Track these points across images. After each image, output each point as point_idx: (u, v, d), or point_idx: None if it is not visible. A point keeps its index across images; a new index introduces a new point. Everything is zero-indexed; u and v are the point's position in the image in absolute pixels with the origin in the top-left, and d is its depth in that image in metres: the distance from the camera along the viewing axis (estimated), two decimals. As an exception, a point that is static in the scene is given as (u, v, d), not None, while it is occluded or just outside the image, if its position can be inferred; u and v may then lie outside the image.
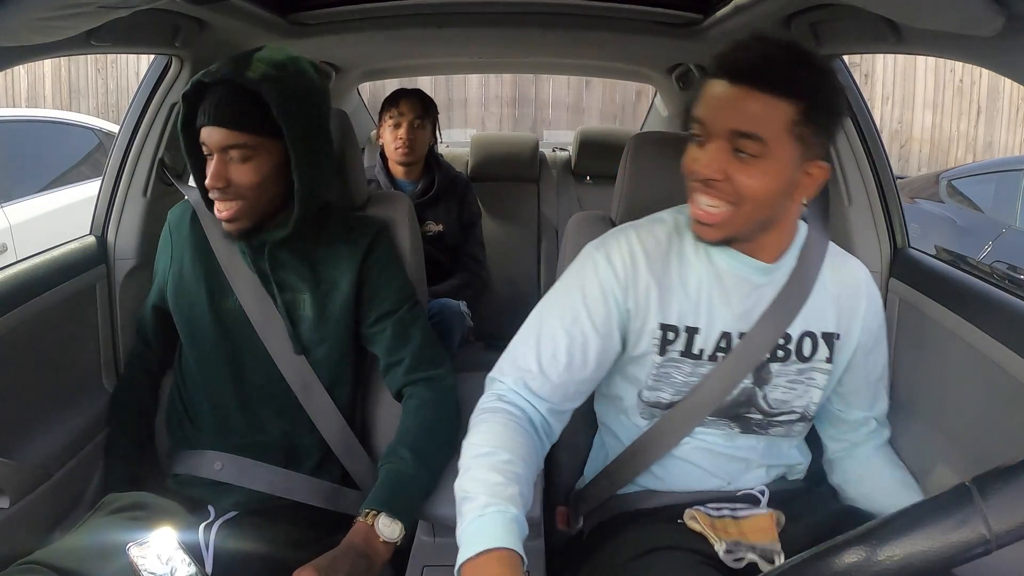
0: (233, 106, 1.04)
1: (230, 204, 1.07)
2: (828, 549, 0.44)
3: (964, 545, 0.39)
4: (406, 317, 1.20)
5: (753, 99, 0.86)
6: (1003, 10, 0.80)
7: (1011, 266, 3.45)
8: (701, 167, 0.89)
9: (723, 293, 0.98)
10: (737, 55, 0.88)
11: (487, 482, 0.83)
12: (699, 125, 0.90)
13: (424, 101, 2.06)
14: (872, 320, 1.05)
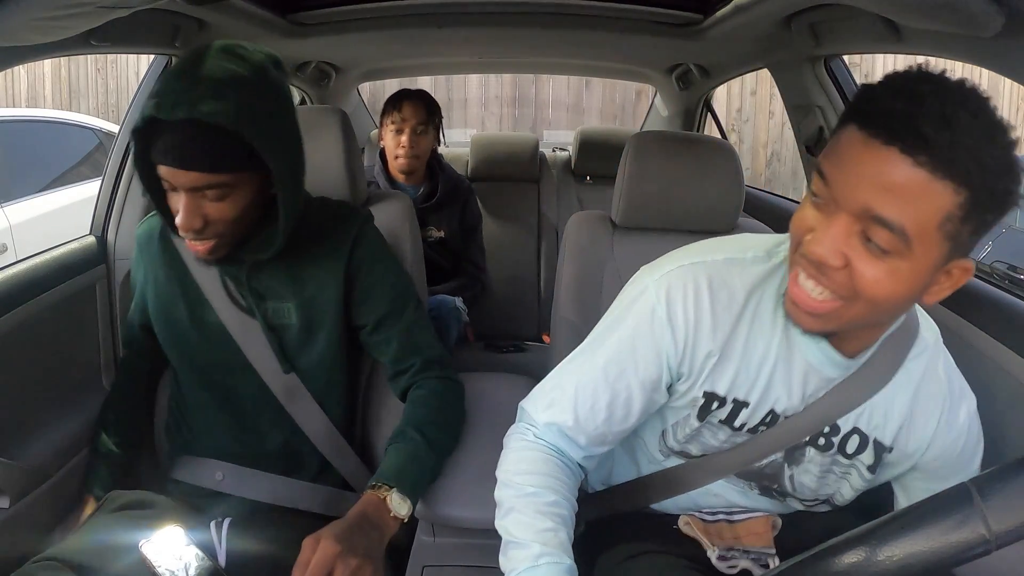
0: (204, 146, 0.91)
1: (206, 242, 0.98)
2: (828, 549, 0.44)
3: (964, 545, 0.39)
4: (411, 323, 1.14)
5: (908, 174, 0.61)
6: (1003, 10, 0.80)
7: (1011, 266, 3.44)
8: (815, 244, 0.67)
9: (786, 374, 0.83)
10: (901, 104, 0.63)
11: (536, 528, 0.80)
12: (823, 184, 0.68)
13: (428, 104, 1.97)
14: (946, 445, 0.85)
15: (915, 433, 0.84)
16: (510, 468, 0.88)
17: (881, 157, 0.62)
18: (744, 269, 0.83)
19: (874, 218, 0.64)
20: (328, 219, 1.13)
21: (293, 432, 1.13)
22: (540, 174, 2.52)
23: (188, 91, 0.89)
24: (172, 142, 0.90)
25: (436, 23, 1.67)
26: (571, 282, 1.25)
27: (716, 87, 2.35)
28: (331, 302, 1.10)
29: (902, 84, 0.65)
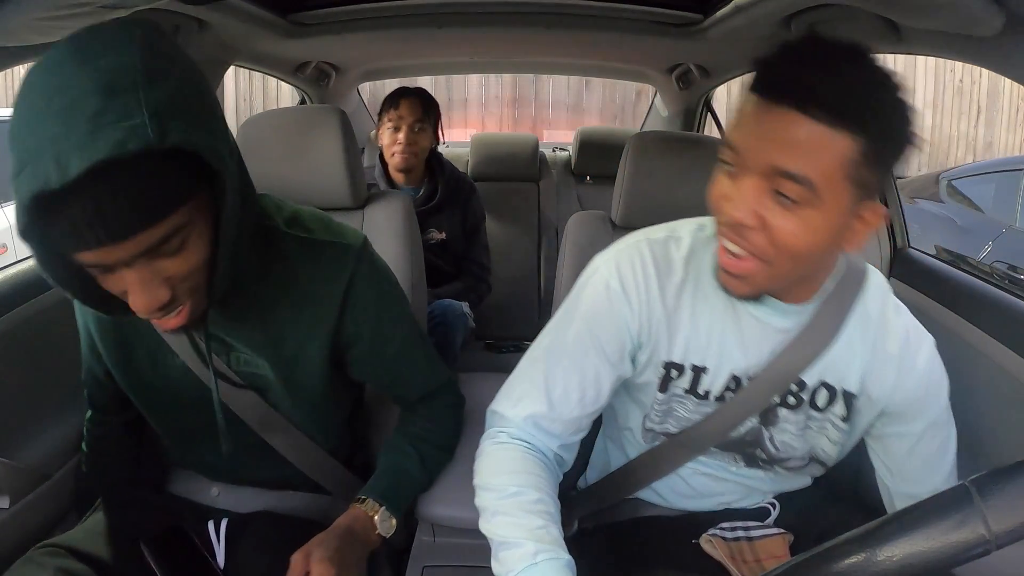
0: (134, 195, 0.63)
1: (179, 309, 0.75)
2: (828, 549, 0.44)
3: (964, 545, 0.39)
4: (409, 351, 1.03)
5: (805, 128, 0.66)
6: (1003, 10, 0.80)
7: (1011, 266, 3.46)
8: (731, 207, 0.72)
9: (738, 333, 0.86)
10: (789, 66, 0.68)
11: (527, 527, 0.78)
12: (731, 152, 0.72)
13: (425, 102, 1.98)
14: (914, 389, 0.88)
15: (878, 378, 0.87)
16: (487, 471, 0.86)
17: (779, 117, 0.67)
18: (680, 242, 0.89)
19: (781, 173, 0.68)
20: (310, 260, 0.89)
21: (282, 459, 1.03)
22: (540, 174, 2.53)
23: (70, 132, 0.60)
24: (83, 214, 0.61)
25: (436, 23, 1.67)
26: (571, 282, 1.24)
27: (716, 87, 2.35)
28: (315, 361, 0.92)
29: (791, 50, 0.70)
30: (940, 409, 0.90)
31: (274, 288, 0.88)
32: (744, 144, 0.71)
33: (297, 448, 1.01)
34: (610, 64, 2.59)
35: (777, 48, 0.70)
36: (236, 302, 0.85)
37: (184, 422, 0.99)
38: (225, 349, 0.91)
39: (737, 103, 0.73)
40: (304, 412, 0.98)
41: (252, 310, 0.88)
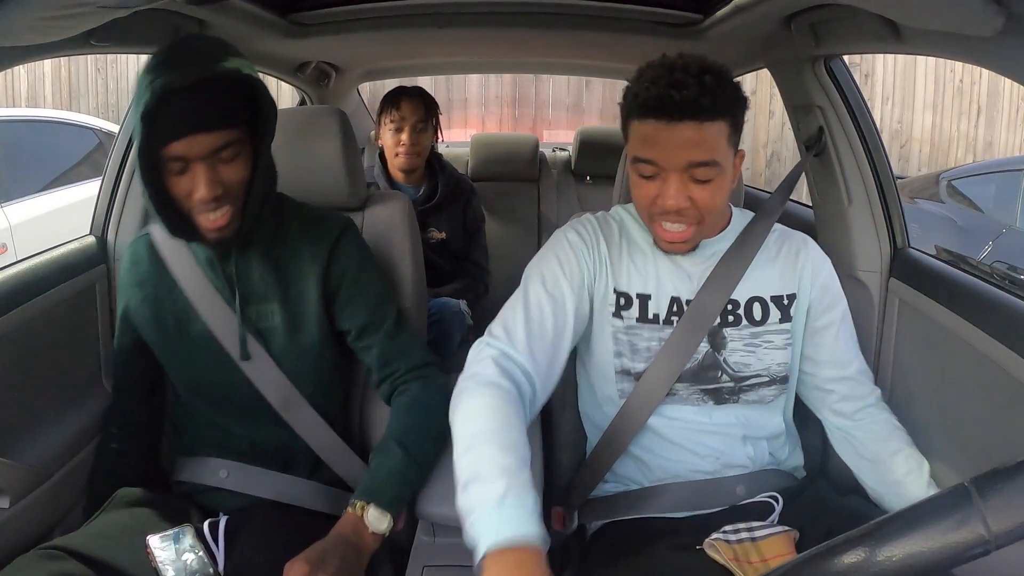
0: (218, 104, 0.95)
1: (225, 210, 1.00)
2: (827, 550, 0.44)
3: (963, 545, 0.39)
4: (392, 330, 1.15)
5: (702, 130, 0.93)
6: (1003, 10, 0.80)
7: (1011, 266, 3.46)
8: (668, 201, 0.96)
9: (670, 264, 1.08)
10: (669, 93, 0.92)
11: (501, 464, 0.79)
12: (650, 165, 0.97)
13: (426, 102, 1.98)
14: (819, 275, 1.11)
15: (794, 277, 1.10)
16: (466, 404, 0.91)
17: (676, 131, 0.93)
18: (611, 216, 1.16)
19: (695, 165, 0.95)
20: (309, 222, 1.15)
21: (287, 430, 1.13)
22: (540, 174, 2.53)
23: (194, 54, 0.95)
24: (186, 109, 0.92)
25: (436, 23, 1.67)
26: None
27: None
28: (313, 303, 1.12)
29: (663, 76, 0.94)
30: (841, 294, 1.14)
31: (281, 245, 1.12)
32: (661, 157, 0.95)
33: (305, 419, 1.12)
34: (610, 64, 2.59)
35: (649, 77, 0.95)
36: (257, 254, 1.10)
37: (201, 383, 1.13)
38: (244, 304, 1.10)
39: (634, 130, 0.99)
40: (302, 364, 1.12)
41: (267, 259, 1.11)
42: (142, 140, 0.94)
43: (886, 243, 1.34)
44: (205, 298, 1.10)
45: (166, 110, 0.91)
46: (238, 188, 1.01)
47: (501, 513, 0.75)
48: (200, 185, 0.96)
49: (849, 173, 1.35)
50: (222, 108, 0.96)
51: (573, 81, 6.69)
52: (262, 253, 1.10)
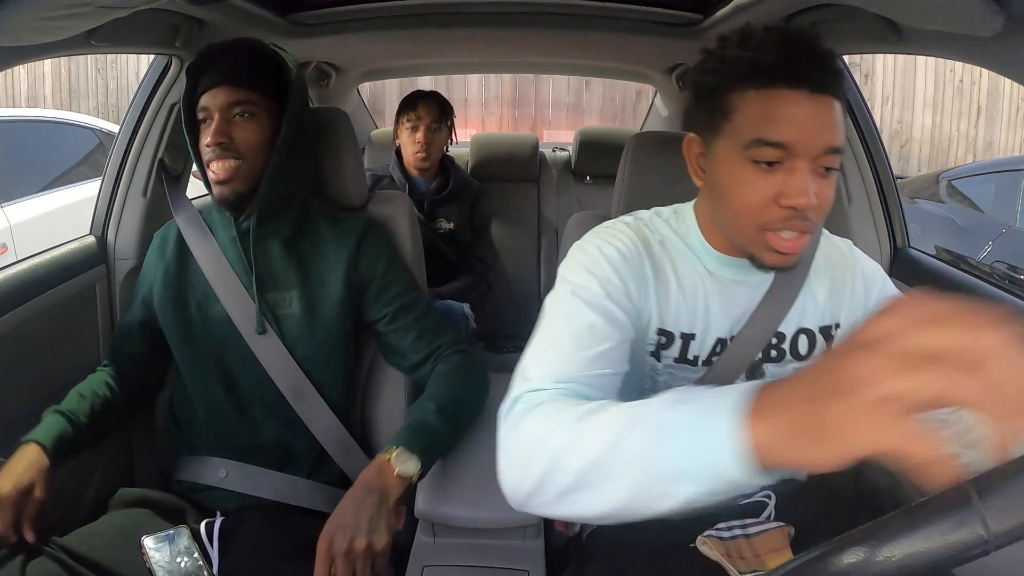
0: (238, 64, 1.09)
1: (228, 163, 1.07)
2: (826, 550, 0.44)
3: (963, 545, 0.39)
4: (425, 311, 1.20)
5: (837, 110, 0.75)
6: (1003, 10, 0.80)
7: (1011, 266, 3.46)
8: (800, 199, 0.74)
9: (720, 298, 0.89)
10: (806, 58, 0.73)
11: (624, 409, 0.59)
12: (778, 150, 0.74)
13: (441, 104, 2.07)
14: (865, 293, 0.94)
15: (845, 303, 0.93)
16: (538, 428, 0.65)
17: (818, 104, 0.73)
18: (650, 230, 0.91)
19: (831, 151, 0.74)
20: (333, 220, 1.20)
21: (288, 425, 1.14)
22: (540, 174, 2.52)
23: None
24: (215, 67, 1.08)
25: (436, 23, 1.67)
26: (571, 282, 1.25)
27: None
28: (334, 294, 1.14)
29: (767, 39, 0.75)
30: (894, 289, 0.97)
31: (305, 239, 1.17)
32: (797, 138, 0.73)
33: (315, 411, 1.13)
34: (610, 64, 2.59)
35: (766, 40, 0.74)
36: (279, 244, 1.15)
37: (210, 365, 1.14)
38: (261, 287, 1.14)
39: (753, 103, 0.75)
40: (315, 353, 1.13)
41: (290, 250, 1.15)
42: (184, 92, 1.11)
43: (886, 243, 1.34)
44: (225, 281, 1.15)
45: (203, 68, 1.09)
46: (246, 147, 1.08)
47: (695, 404, 0.52)
48: (214, 133, 1.06)
49: (849, 173, 1.35)
50: (244, 70, 1.09)
51: (573, 81, 6.70)
52: (284, 243, 1.15)
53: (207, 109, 1.08)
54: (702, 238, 0.90)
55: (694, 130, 0.85)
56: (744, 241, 0.82)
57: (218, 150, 1.06)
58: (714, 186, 0.83)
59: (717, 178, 0.81)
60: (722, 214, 0.83)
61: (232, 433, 1.14)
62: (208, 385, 1.15)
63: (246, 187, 1.09)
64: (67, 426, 1.07)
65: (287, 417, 1.13)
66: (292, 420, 1.13)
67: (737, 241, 0.84)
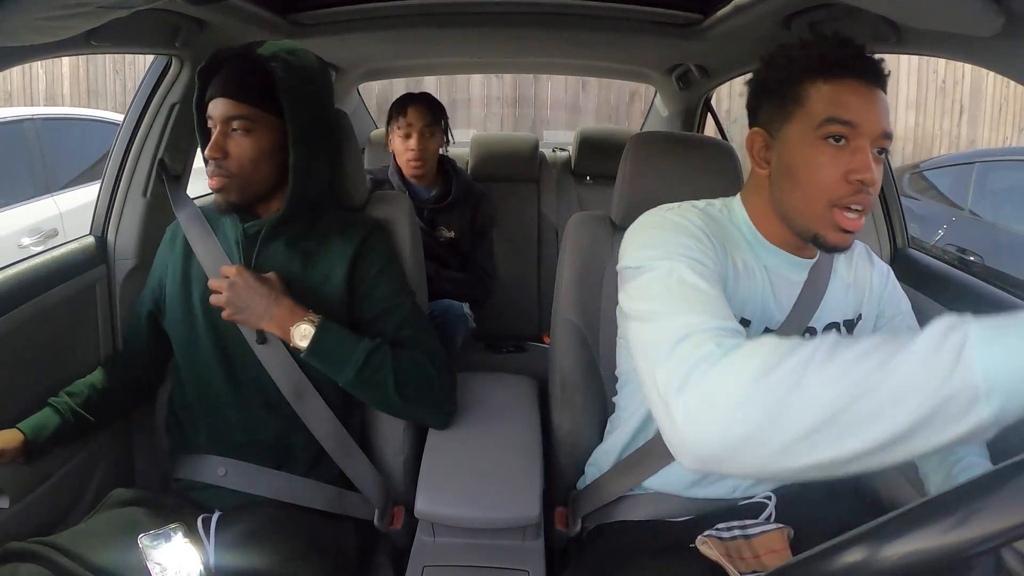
0: (240, 79, 1.08)
1: (220, 179, 1.09)
2: (827, 549, 0.44)
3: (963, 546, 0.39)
4: (406, 318, 1.18)
5: (885, 100, 0.86)
6: (1003, 10, 0.80)
7: (960, 248, 3.67)
8: (867, 173, 0.82)
9: (771, 288, 0.95)
10: (865, 56, 0.85)
11: (874, 340, 0.56)
12: (847, 127, 0.83)
13: (433, 107, 2.00)
14: (882, 286, 1.04)
15: (867, 293, 1.02)
16: (755, 363, 0.59)
17: (875, 95, 0.84)
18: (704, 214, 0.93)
19: (885, 135, 0.84)
20: (341, 221, 1.21)
21: (287, 423, 1.14)
22: (540, 174, 2.52)
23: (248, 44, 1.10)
24: (221, 77, 1.09)
25: (436, 23, 1.67)
26: (571, 282, 1.25)
27: (716, 87, 2.35)
28: (334, 293, 1.15)
29: (831, 40, 0.86)
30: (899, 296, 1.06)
31: (312, 238, 1.18)
32: (864, 119, 0.83)
33: (315, 410, 1.14)
34: (610, 64, 2.59)
35: (830, 40, 0.86)
36: (284, 244, 1.16)
37: (210, 358, 1.15)
38: None
39: (825, 90, 0.85)
40: None
41: (294, 249, 1.16)
42: (196, 95, 1.13)
43: (886, 242, 1.34)
44: None
45: (212, 74, 1.10)
46: (239, 162, 1.09)
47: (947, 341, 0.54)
48: (213, 143, 1.08)
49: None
50: (241, 84, 1.08)
51: (570, 82, 6.73)
52: (289, 243, 1.16)
53: (212, 118, 1.10)
54: (753, 228, 0.95)
55: (760, 124, 0.92)
56: (812, 220, 0.87)
57: (212, 164, 1.09)
58: (785, 169, 0.89)
59: (789, 161, 0.88)
60: (791, 195, 0.88)
61: (231, 431, 1.14)
62: (208, 382, 1.15)
63: (239, 197, 1.11)
64: (52, 415, 1.13)
65: (286, 416, 1.13)
66: (291, 419, 1.14)
67: (803, 222, 0.88)
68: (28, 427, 1.09)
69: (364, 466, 1.18)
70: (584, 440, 1.21)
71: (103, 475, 1.29)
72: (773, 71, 0.90)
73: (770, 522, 0.97)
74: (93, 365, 1.31)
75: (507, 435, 1.22)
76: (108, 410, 1.22)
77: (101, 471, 1.29)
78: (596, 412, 1.23)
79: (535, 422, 1.27)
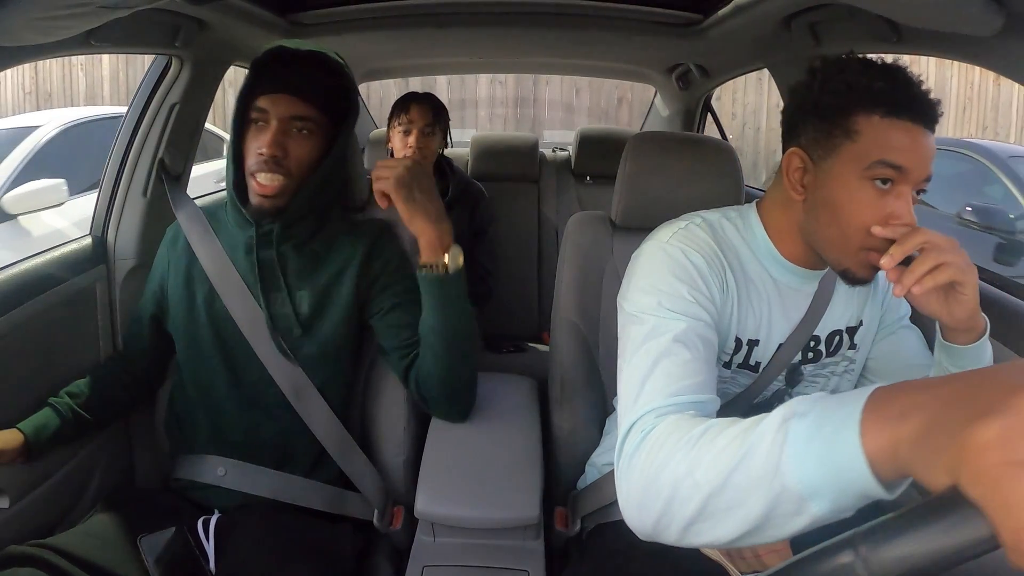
0: (309, 77, 1.07)
1: (277, 177, 1.06)
2: (827, 548, 0.44)
3: (964, 546, 0.39)
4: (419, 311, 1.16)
5: (934, 143, 0.81)
6: (1003, 10, 0.80)
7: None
8: (907, 218, 0.80)
9: (781, 305, 0.94)
10: (923, 95, 0.80)
11: (738, 431, 0.58)
12: (893, 170, 0.79)
13: (435, 107, 2.00)
14: (884, 292, 1.02)
15: (864, 301, 1.00)
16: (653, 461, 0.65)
17: (927, 140, 0.79)
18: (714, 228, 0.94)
19: (927, 179, 0.81)
20: (350, 223, 1.22)
21: (288, 424, 1.14)
22: (540, 174, 2.52)
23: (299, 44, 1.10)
24: (283, 71, 1.06)
25: (436, 23, 1.67)
26: (571, 282, 1.25)
27: (716, 87, 2.36)
28: (343, 297, 1.14)
29: (888, 70, 0.80)
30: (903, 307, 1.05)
31: (321, 239, 1.16)
32: (914, 165, 0.79)
33: (315, 410, 1.13)
34: (610, 64, 2.59)
35: (887, 71, 0.80)
36: (292, 246, 1.14)
37: (212, 359, 1.14)
38: (269, 285, 1.14)
39: (879, 128, 0.79)
40: (319, 354, 1.13)
41: (303, 251, 1.15)
42: (244, 87, 1.08)
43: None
44: (228, 281, 1.15)
45: (269, 67, 1.07)
46: (297, 164, 1.07)
47: (813, 418, 0.51)
48: (269, 140, 1.04)
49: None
50: (312, 85, 1.07)
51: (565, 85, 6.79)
52: (297, 245, 1.14)
53: (265, 112, 1.06)
54: (770, 244, 0.93)
55: (800, 145, 0.86)
56: (845, 256, 0.84)
57: (271, 163, 1.05)
58: (824, 202, 0.84)
59: (830, 196, 0.83)
60: (828, 229, 0.85)
61: (232, 431, 1.14)
62: (210, 382, 1.15)
63: (286, 202, 1.09)
64: (52, 415, 1.12)
65: (287, 416, 1.13)
66: (291, 419, 1.13)
67: (835, 256, 0.85)
68: (28, 427, 1.08)
69: (364, 466, 1.18)
70: (584, 440, 1.21)
71: (103, 475, 1.29)
72: (827, 94, 0.83)
73: None
74: (93, 365, 1.31)
75: (507, 435, 1.22)
76: (108, 410, 1.22)
77: (101, 471, 1.29)
78: (596, 412, 1.23)
79: (535, 422, 1.27)
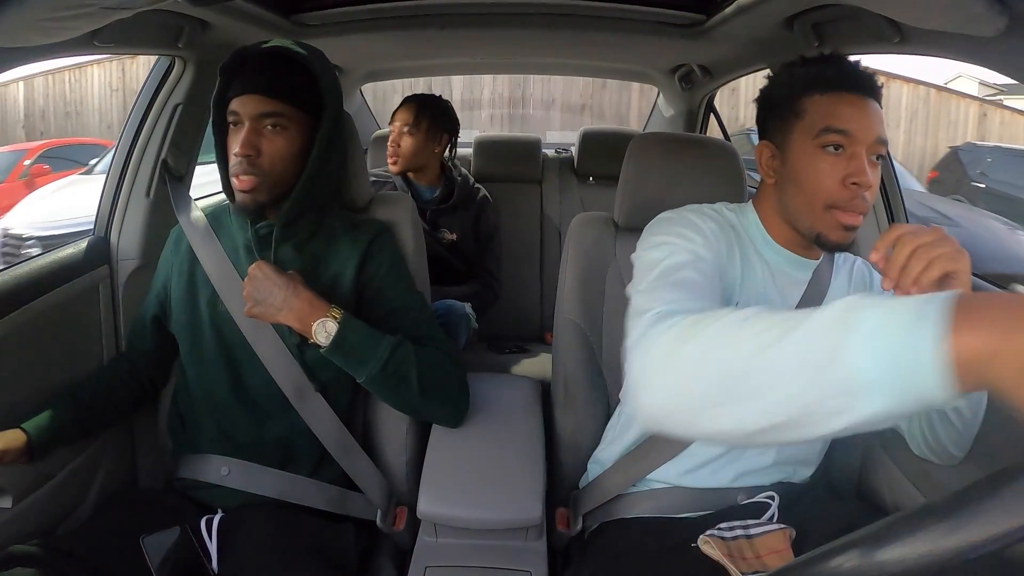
0: (273, 74, 1.07)
1: (252, 177, 1.07)
2: (829, 551, 0.44)
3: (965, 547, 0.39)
4: (418, 318, 1.19)
5: (878, 108, 0.92)
6: (1006, 10, 0.80)
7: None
8: (863, 176, 0.89)
9: (776, 288, 1.00)
10: (855, 70, 0.92)
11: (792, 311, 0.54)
12: (842, 136, 0.90)
13: (419, 107, 2.03)
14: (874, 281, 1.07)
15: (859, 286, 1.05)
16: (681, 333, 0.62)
17: (868, 105, 0.91)
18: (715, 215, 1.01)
19: (880, 141, 0.90)
20: (349, 223, 1.21)
21: (291, 424, 1.14)
22: (543, 175, 2.52)
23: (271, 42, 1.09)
24: (250, 73, 1.06)
25: (438, 24, 1.67)
26: (574, 283, 1.25)
27: (719, 87, 2.35)
28: (343, 295, 1.15)
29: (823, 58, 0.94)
30: None
31: (320, 240, 1.18)
32: (857, 128, 0.89)
33: (308, 401, 1.14)
34: (613, 65, 2.59)
35: (821, 58, 0.94)
36: (292, 247, 1.15)
37: (215, 360, 1.15)
38: None
39: (821, 103, 0.92)
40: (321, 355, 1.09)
41: (303, 252, 1.16)
42: (216, 92, 1.09)
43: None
44: (229, 282, 1.15)
45: (239, 71, 1.07)
46: (271, 161, 1.08)
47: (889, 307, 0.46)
48: (242, 144, 1.05)
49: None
50: (280, 82, 1.07)
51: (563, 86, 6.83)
52: (297, 245, 1.15)
53: (237, 114, 1.07)
54: (762, 228, 1.02)
55: (767, 137, 0.99)
56: (814, 221, 0.93)
57: (244, 163, 1.06)
58: (789, 176, 0.95)
59: (793, 169, 0.94)
60: (795, 199, 0.95)
61: (235, 431, 1.14)
62: (213, 382, 1.16)
63: (268, 197, 1.10)
64: (55, 416, 1.12)
65: (290, 417, 1.14)
66: (294, 420, 1.14)
67: (807, 223, 0.95)
68: (31, 427, 1.08)
69: (367, 467, 1.18)
70: (586, 440, 1.21)
71: (106, 475, 1.30)
72: (776, 88, 0.98)
73: (773, 522, 0.97)
74: (96, 365, 1.31)
75: (510, 435, 1.22)
76: (111, 411, 1.22)
77: (104, 471, 1.29)
78: (598, 412, 1.22)
79: (538, 422, 1.27)
